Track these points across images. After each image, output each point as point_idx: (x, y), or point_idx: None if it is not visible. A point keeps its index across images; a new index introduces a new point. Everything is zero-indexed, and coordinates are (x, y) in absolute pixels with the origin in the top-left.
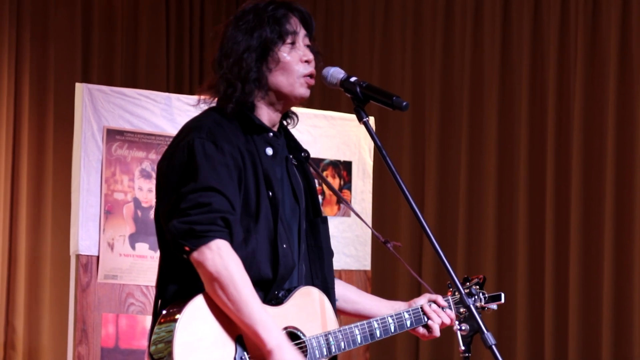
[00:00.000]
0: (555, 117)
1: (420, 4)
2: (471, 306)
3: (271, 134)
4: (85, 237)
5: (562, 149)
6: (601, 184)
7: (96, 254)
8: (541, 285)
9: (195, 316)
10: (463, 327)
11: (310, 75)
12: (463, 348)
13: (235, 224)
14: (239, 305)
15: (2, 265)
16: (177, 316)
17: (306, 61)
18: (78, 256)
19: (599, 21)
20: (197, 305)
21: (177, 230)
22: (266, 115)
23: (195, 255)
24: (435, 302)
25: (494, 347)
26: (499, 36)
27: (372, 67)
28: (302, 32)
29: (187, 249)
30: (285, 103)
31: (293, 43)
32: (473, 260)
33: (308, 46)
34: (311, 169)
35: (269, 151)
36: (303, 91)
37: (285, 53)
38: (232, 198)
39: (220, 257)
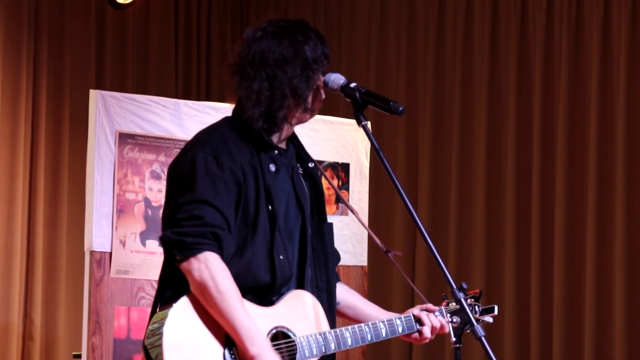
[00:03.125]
0: (541, 121)
1: (413, 14)
2: (462, 299)
3: (276, 151)
4: (98, 234)
5: (548, 154)
6: (584, 184)
7: (109, 251)
8: (527, 282)
9: (186, 312)
10: (454, 320)
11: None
12: (454, 339)
13: (225, 238)
14: (223, 313)
15: (21, 261)
16: (169, 311)
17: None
18: (92, 252)
19: (582, 30)
20: (188, 301)
21: (170, 240)
22: (281, 131)
23: (184, 265)
24: (427, 309)
25: (483, 338)
26: (487, 44)
27: (369, 73)
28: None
29: (178, 258)
30: (302, 119)
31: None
32: (464, 256)
33: None
34: (321, 177)
35: (272, 167)
36: (309, 118)
37: (309, 92)
38: (226, 212)
39: (206, 268)
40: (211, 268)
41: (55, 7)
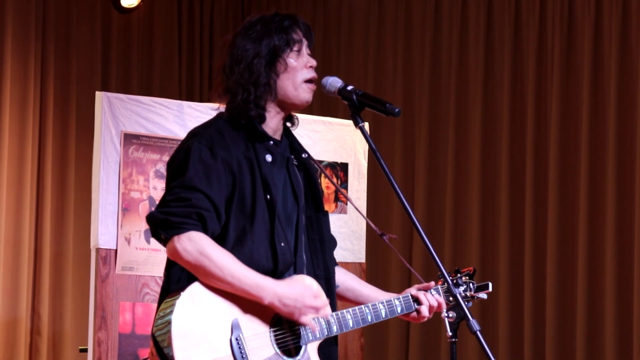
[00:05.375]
0: (534, 122)
1: (410, 18)
2: (458, 295)
3: (271, 142)
4: (104, 232)
5: (541, 154)
6: (576, 182)
7: (114, 248)
8: (521, 279)
9: (193, 299)
10: (450, 315)
11: (312, 81)
12: (450, 334)
13: (210, 220)
14: (225, 280)
15: (29, 258)
16: (176, 300)
17: (310, 67)
18: (98, 250)
19: (574, 34)
20: (194, 290)
21: (156, 218)
22: (273, 119)
23: (169, 246)
24: (424, 288)
25: (478, 332)
26: (482, 48)
27: (367, 74)
28: (305, 42)
29: (162, 237)
30: (290, 106)
31: (298, 51)
32: (459, 253)
33: (310, 55)
34: (315, 166)
35: (269, 158)
36: (307, 96)
37: (292, 59)
38: (215, 199)
39: (192, 247)
40: (196, 244)
41: (62, 11)
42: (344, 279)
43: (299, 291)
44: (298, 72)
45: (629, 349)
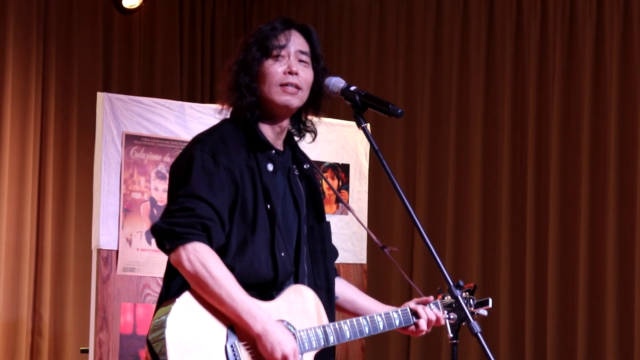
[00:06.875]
0: (536, 124)
1: (412, 20)
2: (459, 297)
3: (273, 151)
4: (105, 233)
5: (542, 156)
6: (577, 184)
7: (116, 249)
8: (522, 280)
9: (189, 306)
10: (451, 316)
11: (289, 85)
12: (451, 335)
13: (214, 230)
14: (221, 298)
15: (30, 258)
16: (172, 306)
17: (289, 72)
18: (99, 250)
19: (575, 35)
20: (190, 297)
21: (160, 229)
22: (269, 128)
23: (173, 256)
24: (423, 302)
25: (479, 334)
26: (483, 49)
27: (368, 77)
28: (293, 48)
29: (167, 247)
30: (273, 110)
31: (277, 56)
32: (460, 254)
33: (301, 61)
34: (317, 177)
35: (270, 167)
36: (282, 98)
37: (268, 65)
38: (218, 207)
39: (196, 257)
40: (201, 257)
41: (64, 12)
42: (344, 290)
43: (285, 340)
44: (274, 77)
45: (630, 352)
